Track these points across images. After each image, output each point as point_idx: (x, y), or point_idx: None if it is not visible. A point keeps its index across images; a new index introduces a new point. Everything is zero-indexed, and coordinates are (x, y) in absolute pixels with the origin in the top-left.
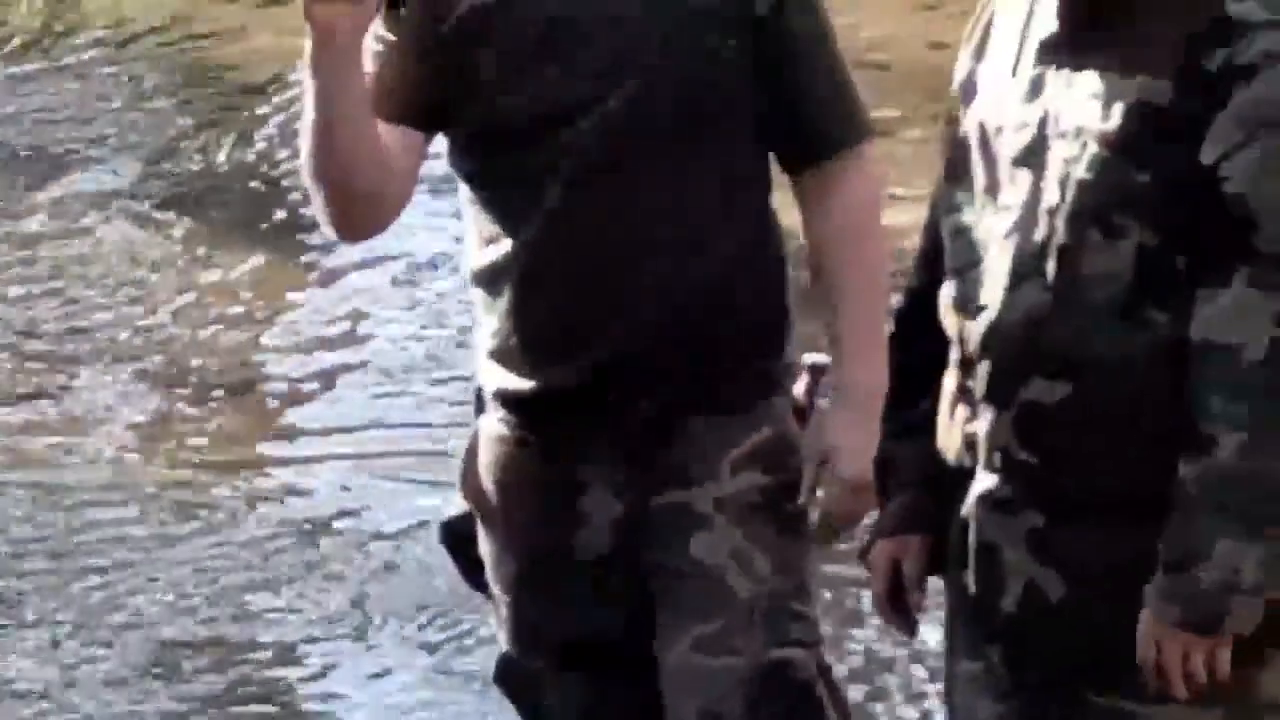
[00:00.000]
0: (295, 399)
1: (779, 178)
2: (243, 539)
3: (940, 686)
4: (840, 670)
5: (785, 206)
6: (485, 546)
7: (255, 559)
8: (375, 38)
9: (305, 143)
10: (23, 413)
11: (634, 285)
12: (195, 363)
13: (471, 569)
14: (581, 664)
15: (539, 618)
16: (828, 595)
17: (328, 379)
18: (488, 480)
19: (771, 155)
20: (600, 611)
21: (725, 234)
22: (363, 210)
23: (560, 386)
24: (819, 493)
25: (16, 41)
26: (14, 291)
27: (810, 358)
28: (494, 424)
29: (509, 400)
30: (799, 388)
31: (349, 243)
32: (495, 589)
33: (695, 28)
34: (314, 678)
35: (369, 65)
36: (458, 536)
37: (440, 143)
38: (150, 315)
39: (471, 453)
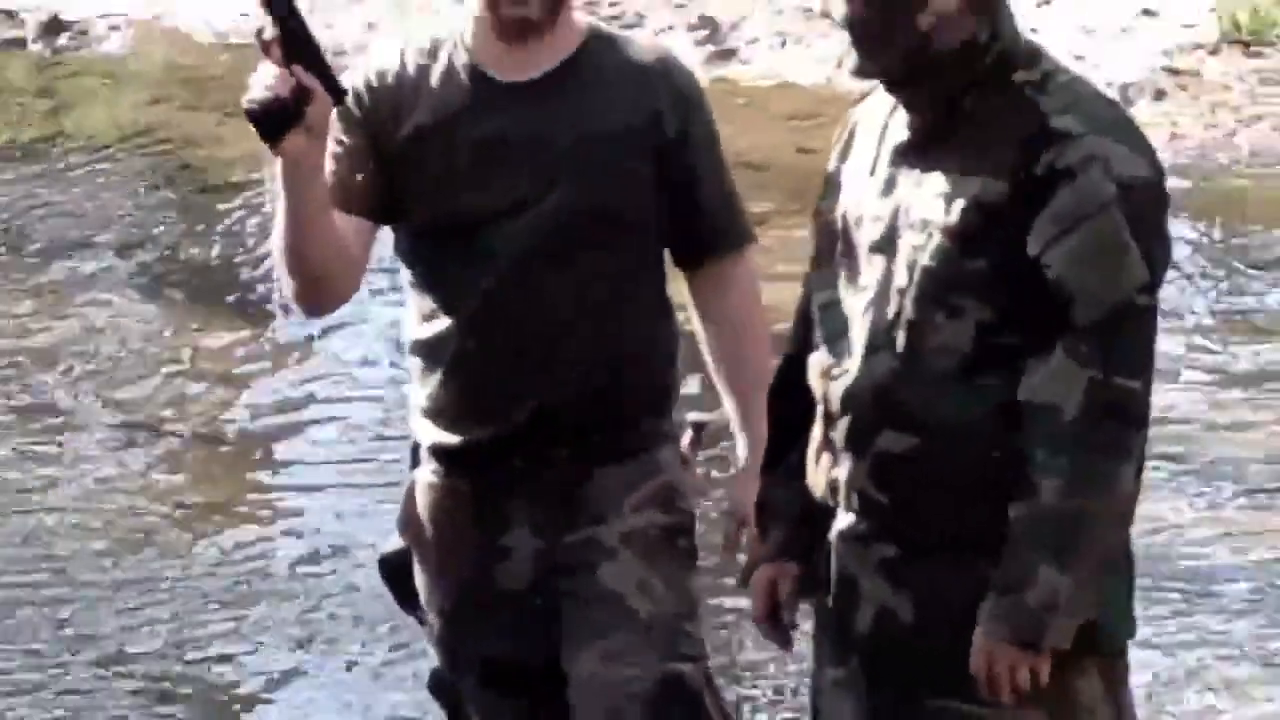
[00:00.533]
0: (268, 450)
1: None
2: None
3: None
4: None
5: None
6: (419, 578)
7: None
8: (334, 139)
9: (275, 236)
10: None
11: (552, 358)
12: (171, 417)
13: (404, 596)
14: (499, 682)
15: (464, 640)
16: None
17: (297, 431)
18: (424, 522)
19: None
20: (519, 635)
21: (628, 317)
22: (324, 289)
23: (488, 441)
24: (743, 541)
25: (15, 150)
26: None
27: (692, 416)
28: (427, 474)
29: (442, 453)
30: (684, 441)
31: (313, 317)
32: (428, 614)
33: (613, 151)
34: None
35: (329, 163)
36: (393, 569)
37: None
38: (137, 381)
39: (409, 498)
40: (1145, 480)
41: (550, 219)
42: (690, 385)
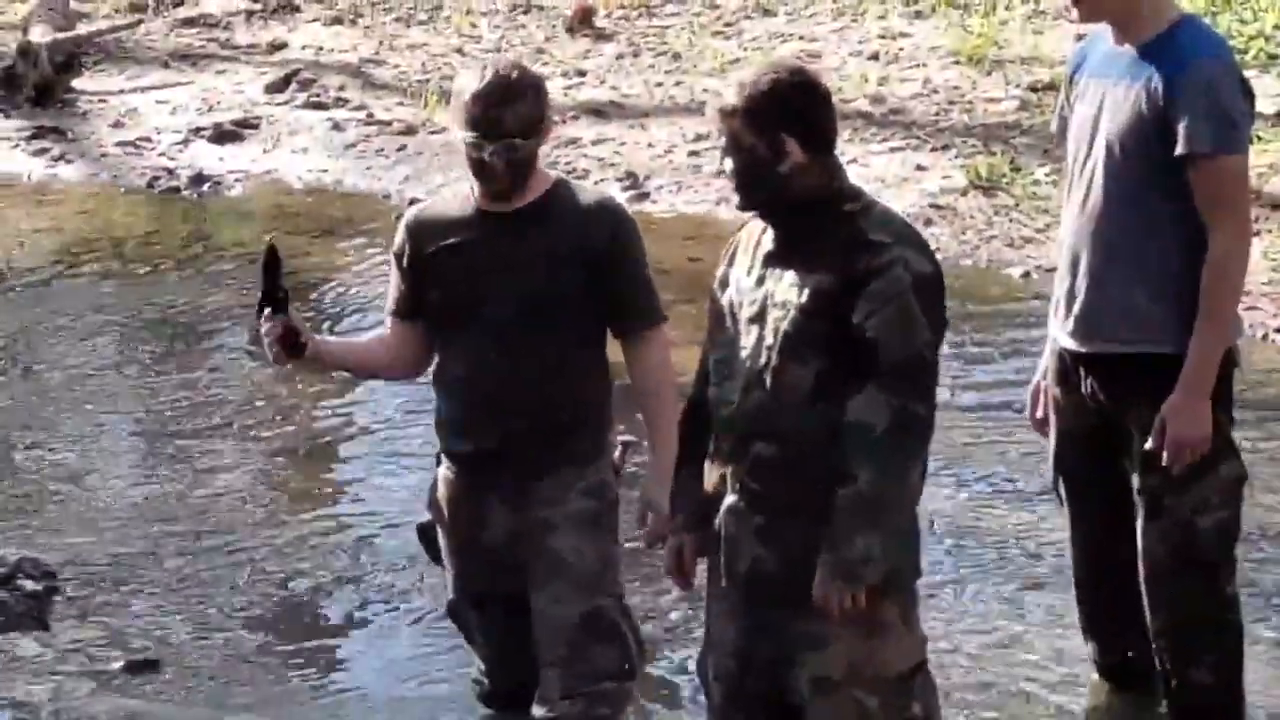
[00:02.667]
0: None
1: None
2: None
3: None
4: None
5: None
6: (441, 539)
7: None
8: (393, 274)
9: None
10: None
11: (517, 398)
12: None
13: (432, 551)
14: (489, 606)
15: (464, 580)
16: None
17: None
18: (441, 502)
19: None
20: (496, 576)
21: (571, 371)
22: (398, 377)
23: (475, 451)
24: (648, 523)
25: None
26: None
27: (622, 437)
28: (443, 470)
29: (448, 456)
30: (615, 454)
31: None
32: (446, 562)
33: (562, 263)
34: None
35: (391, 290)
36: (424, 533)
37: None
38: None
39: (433, 485)
40: None
41: (515, 311)
42: (620, 417)
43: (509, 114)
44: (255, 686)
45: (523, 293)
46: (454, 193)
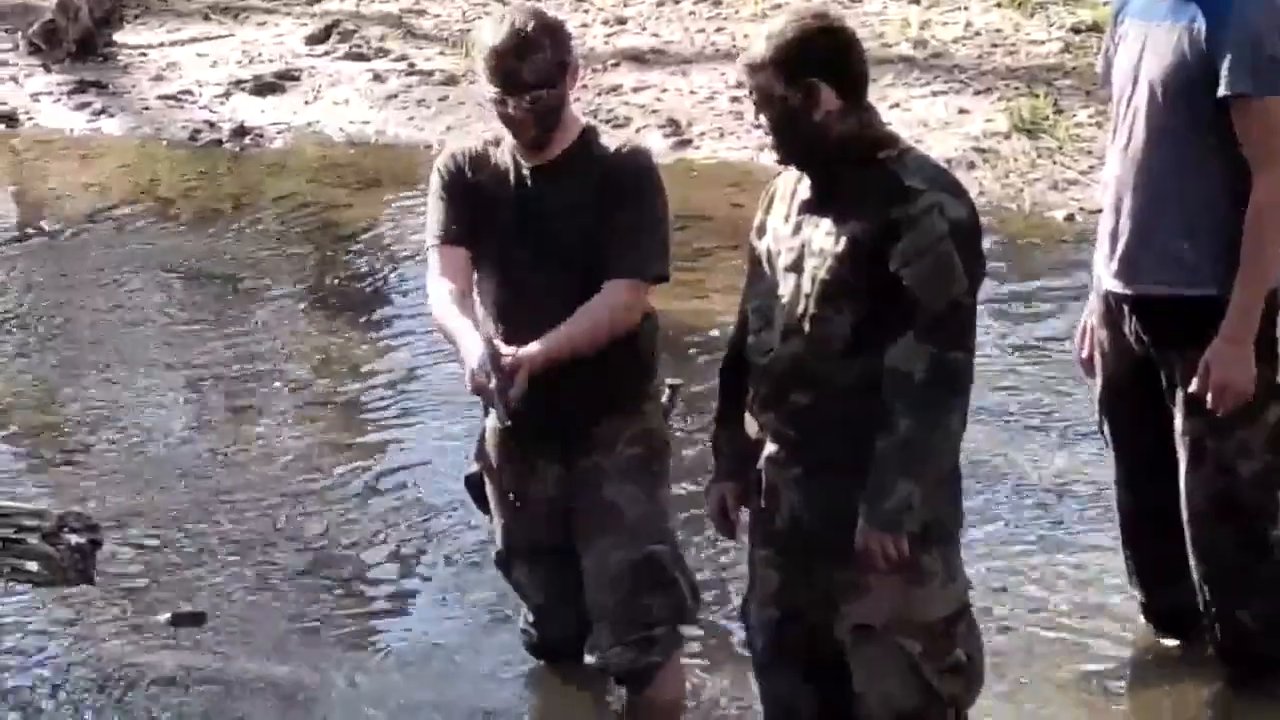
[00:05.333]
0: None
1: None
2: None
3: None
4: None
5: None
6: (489, 490)
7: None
8: (436, 196)
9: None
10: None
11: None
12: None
13: (481, 502)
14: (538, 556)
15: (513, 530)
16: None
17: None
18: (490, 452)
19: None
20: (549, 527)
21: None
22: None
23: (521, 402)
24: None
25: (216, 213)
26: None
27: (670, 380)
28: (492, 419)
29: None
30: (663, 398)
31: None
32: (494, 513)
33: (582, 210)
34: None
35: (435, 213)
36: (473, 484)
37: None
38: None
39: (481, 436)
40: None
41: (545, 259)
42: (666, 362)
43: (526, 67)
44: (302, 641)
45: (552, 242)
46: (489, 137)
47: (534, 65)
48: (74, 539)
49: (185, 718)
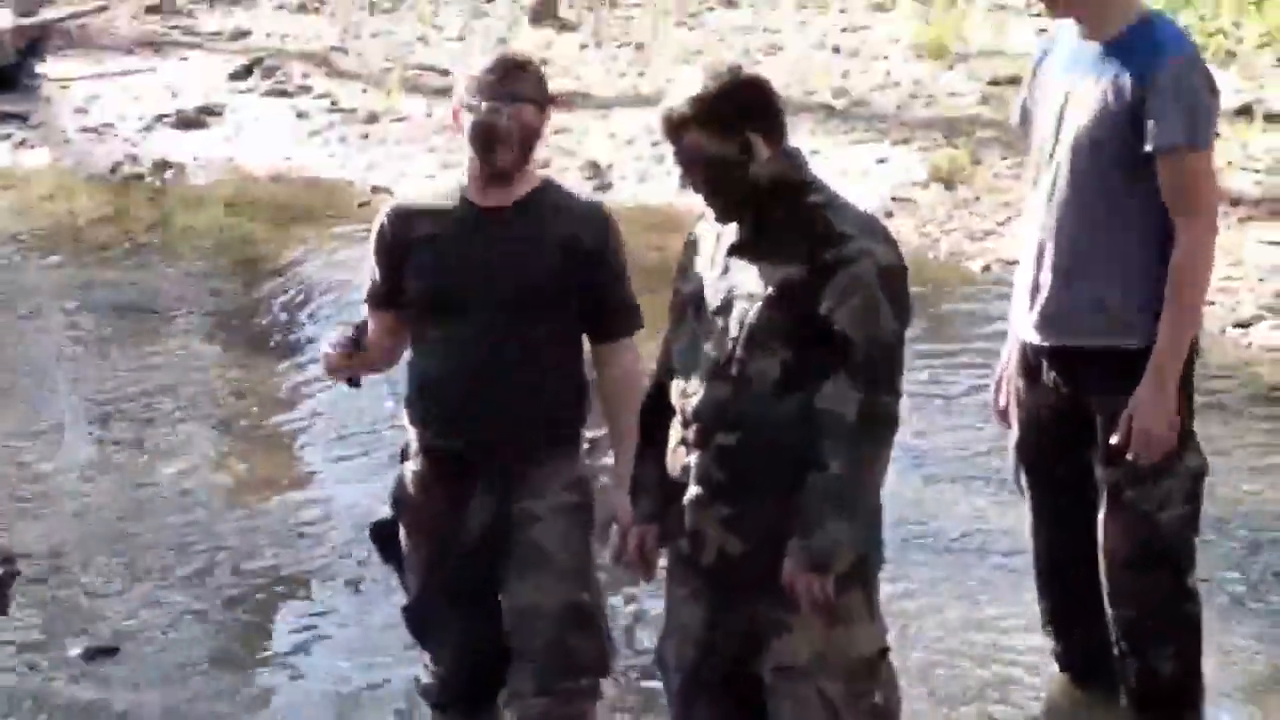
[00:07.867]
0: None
1: None
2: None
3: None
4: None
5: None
6: (405, 538)
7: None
8: (372, 263)
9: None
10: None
11: (504, 391)
12: (239, 420)
13: (388, 553)
14: (455, 605)
15: (433, 578)
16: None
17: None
18: (413, 495)
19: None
20: (472, 571)
21: (557, 365)
22: (375, 369)
23: (466, 445)
24: (611, 532)
25: (136, 246)
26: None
27: (592, 433)
28: (413, 466)
29: (429, 451)
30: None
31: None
32: (409, 562)
33: (550, 260)
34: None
35: (368, 282)
36: (381, 533)
37: None
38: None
39: (398, 483)
40: None
41: (503, 300)
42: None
43: (526, 80)
44: (214, 675)
45: (509, 286)
46: (437, 186)
47: (531, 81)
48: None
49: None
